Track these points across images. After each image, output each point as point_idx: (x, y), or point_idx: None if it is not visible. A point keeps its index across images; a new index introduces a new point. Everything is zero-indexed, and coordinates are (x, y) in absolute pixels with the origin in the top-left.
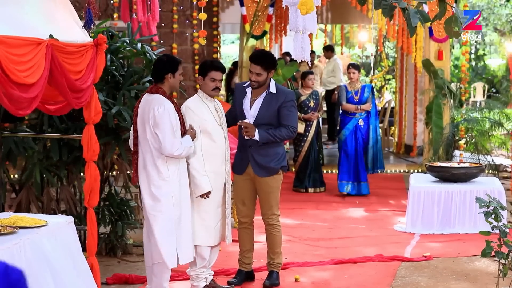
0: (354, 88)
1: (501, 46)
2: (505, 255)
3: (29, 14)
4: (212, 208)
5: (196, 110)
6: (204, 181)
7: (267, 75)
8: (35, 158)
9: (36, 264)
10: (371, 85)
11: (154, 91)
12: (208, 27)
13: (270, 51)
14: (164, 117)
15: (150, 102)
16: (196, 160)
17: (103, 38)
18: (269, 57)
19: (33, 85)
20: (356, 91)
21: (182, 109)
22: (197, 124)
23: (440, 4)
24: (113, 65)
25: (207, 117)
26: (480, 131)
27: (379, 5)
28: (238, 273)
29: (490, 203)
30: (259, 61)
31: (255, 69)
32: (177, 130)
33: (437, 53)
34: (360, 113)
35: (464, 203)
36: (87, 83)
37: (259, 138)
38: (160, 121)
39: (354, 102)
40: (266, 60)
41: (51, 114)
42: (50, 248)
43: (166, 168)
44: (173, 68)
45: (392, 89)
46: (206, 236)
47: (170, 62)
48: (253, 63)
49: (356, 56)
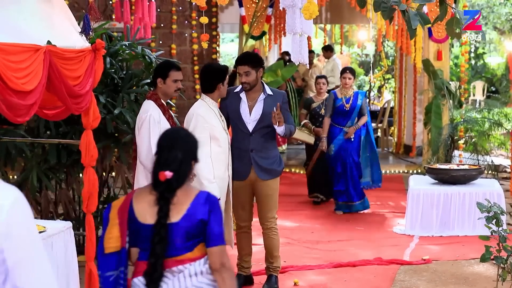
0: (346, 95)
1: (500, 45)
2: (504, 260)
3: (27, 19)
4: None
5: (206, 117)
6: (214, 188)
7: (256, 74)
8: (34, 161)
9: None
10: (364, 92)
11: (148, 97)
12: (207, 27)
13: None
14: (144, 125)
15: (142, 107)
16: (207, 168)
17: (101, 43)
18: (254, 56)
19: (31, 92)
20: (348, 98)
21: (190, 116)
22: (208, 131)
23: (440, 6)
24: (113, 68)
25: (215, 122)
26: (480, 132)
27: (379, 7)
28: (237, 277)
29: (491, 208)
30: (245, 61)
31: (243, 69)
32: None
33: (436, 53)
34: (351, 122)
35: (463, 206)
36: (85, 88)
37: (283, 128)
38: (141, 128)
39: (344, 110)
40: (251, 59)
41: (49, 120)
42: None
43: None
44: (163, 74)
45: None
46: None
47: (161, 67)
48: (239, 65)
49: (355, 54)
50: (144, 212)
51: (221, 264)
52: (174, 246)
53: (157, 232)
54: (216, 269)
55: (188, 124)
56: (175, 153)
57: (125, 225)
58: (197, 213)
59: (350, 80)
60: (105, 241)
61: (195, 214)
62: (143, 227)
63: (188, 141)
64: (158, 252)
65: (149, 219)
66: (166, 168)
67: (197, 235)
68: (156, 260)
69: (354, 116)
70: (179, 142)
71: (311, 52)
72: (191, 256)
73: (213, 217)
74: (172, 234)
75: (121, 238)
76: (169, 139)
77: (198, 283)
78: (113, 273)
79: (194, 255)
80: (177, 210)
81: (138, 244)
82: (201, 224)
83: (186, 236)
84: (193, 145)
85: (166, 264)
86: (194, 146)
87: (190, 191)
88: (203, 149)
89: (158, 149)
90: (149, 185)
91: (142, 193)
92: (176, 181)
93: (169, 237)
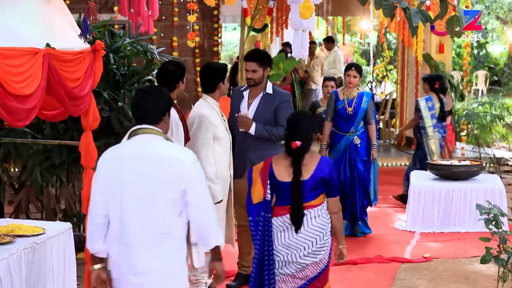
0: (349, 96)
1: (503, 34)
2: (504, 262)
3: (27, 22)
4: (221, 214)
5: (210, 118)
6: (218, 189)
7: (263, 72)
8: (36, 159)
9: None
10: (371, 94)
11: None
12: (208, 20)
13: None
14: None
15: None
16: (210, 168)
17: (100, 44)
18: (264, 54)
19: (30, 95)
20: (351, 100)
21: (195, 118)
22: (211, 132)
23: (441, 4)
24: (115, 64)
25: (217, 122)
26: (481, 125)
27: (380, 5)
28: (237, 276)
29: (491, 210)
30: (254, 58)
31: (250, 67)
32: (178, 139)
33: (438, 46)
34: (356, 128)
35: (465, 202)
36: (85, 90)
37: (254, 131)
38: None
39: (347, 114)
40: (260, 56)
41: (49, 120)
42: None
43: None
44: (182, 76)
45: (393, 79)
46: None
47: (179, 71)
48: (248, 61)
49: (357, 43)
50: (282, 173)
51: (338, 208)
52: (304, 196)
53: (295, 186)
54: (334, 212)
55: (192, 124)
56: (301, 129)
57: (266, 182)
58: (320, 172)
59: (355, 79)
60: (251, 194)
61: (319, 173)
62: (281, 184)
63: (311, 119)
64: (298, 200)
65: (287, 178)
66: (296, 139)
67: (319, 188)
68: (298, 206)
69: (358, 121)
70: (304, 121)
71: (312, 43)
72: (314, 203)
73: (332, 176)
74: (303, 187)
75: (263, 191)
76: (296, 118)
77: (316, 223)
78: (258, 218)
79: (316, 202)
80: (306, 170)
81: (276, 196)
82: (322, 180)
83: (312, 189)
84: (313, 122)
85: None
86: (314, 123)
87: (315, 156)
88: (207, 149)
89: (288, 126)
90: (283, 153)
91: (279, 158)
92: (303, 148)
93: (301, 190)
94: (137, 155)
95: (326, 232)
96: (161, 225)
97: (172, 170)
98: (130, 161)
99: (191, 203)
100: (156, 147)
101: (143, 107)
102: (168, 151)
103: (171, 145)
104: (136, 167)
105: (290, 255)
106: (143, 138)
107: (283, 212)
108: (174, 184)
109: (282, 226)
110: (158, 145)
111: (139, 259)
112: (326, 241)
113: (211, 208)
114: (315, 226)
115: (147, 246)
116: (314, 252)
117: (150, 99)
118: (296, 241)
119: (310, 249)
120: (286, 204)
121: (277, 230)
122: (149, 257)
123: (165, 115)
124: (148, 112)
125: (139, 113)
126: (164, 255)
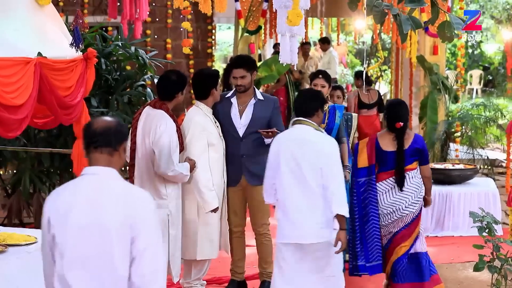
0: None
1: (498, 33)
2: (498, 269)
3: (18, 30)
4: (216, 221)
5: (205, 125)
6: (213, 196)
7: (251, 76)
8: (27, 164)
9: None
10: (343, 107)
11: (157, 106)
12: (202, 21)
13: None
14: (164, 135)
15: (153, 117)
16: (205, 175)
17: (92, 52)
18: (249, 59)
19: (22, 106)
20: (323, 115)
21: (188, 124)
22: (206, 138)
23: (432, 9)
24: (107, 69)
25: (211, 129)
26: (475, 127)
27: (371, 11)
28: (230, 283)
29: (484, 217)
30: (241, 64)
31: (238, 73)
32: (176, 150)
33: (432, 48)
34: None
35: (459, 205)
36: (76, 98)
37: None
38: (160, 139)
39: None
40: (247, 62)
41: (39, 128)
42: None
43: (164, 185)
44: (183, 87)
45: (387, 79)
46: (211, 249)
47: (181, 82)
48: (235, 68)
49: (352, 42)
50: (387, 144)
51: (429, 174)
52: (405, 161)
53: (399, 155)
54: (427, 176)
55: (186, 131)
56: (401, 113)
57: (373, 151)
58: (415, 144)
59: (323, 89)
60: (358, 161)
61: (414, 145)
62: (386, 153)
63: (405, 106)
64: (401, 166)
65: (391, 148)
66: (399, 120)
67: (414, 155)
68: (401, 170)
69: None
70: (403, 107)
71: (307, 43)
72: (411, 167)
73: (424, 148)
74: (404, 155)
75: (368, 159)
76: (397, 105)
77: (414, 181)
78: (365, 179)
79: (412, 166)
80: (406, 142)
81: (379, 164)
82: (417, 150)
83: (410, 155)
84: (407, 109)
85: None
86: (407, 109)
87: (411, 133)
88: (202, 156)
89: (390, 111)
90: (387, 130)
91: (384, 134)
92: (404, 127)
93: (403, 156)
94: (295, 139)
95: (420, 190)
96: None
97: (315, 151)
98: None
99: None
100: (308, 134)
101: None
102: (316, 138)
103: (320, 134)
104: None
105: (396, 207)
106: (300, 127)
107: (387, 176)
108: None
109: (386, 188)
110: (309, 132)
111: None
112: (420, 196)
113: (342, 178)
114: (413, 184)
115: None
116: (413, 203)
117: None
118: (399, 197)
119: (410, 201)
120: (389, 169)
121: (382, 192)
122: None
123: (318, 110)
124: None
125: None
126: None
